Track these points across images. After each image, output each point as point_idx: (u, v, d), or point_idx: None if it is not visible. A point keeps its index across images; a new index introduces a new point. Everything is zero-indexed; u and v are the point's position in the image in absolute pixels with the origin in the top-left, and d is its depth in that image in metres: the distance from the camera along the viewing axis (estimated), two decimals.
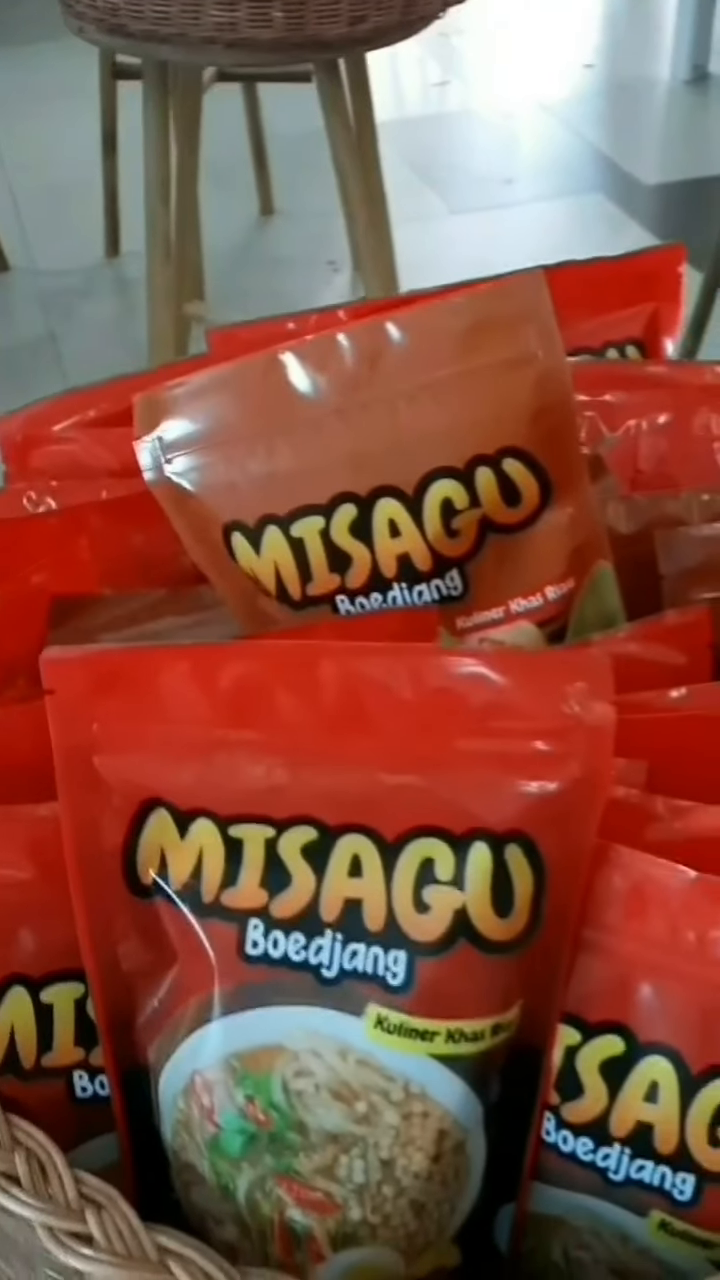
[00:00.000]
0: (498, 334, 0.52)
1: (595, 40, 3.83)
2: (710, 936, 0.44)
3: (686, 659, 0.54)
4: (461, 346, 0.52)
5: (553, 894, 0.44)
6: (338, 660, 0.44)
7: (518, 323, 0.52)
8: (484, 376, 0.52)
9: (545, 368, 0.52)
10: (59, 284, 2.64)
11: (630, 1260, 0.47)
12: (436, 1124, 0.45)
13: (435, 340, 0.52)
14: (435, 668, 0.44)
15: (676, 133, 3.31)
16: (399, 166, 3.06)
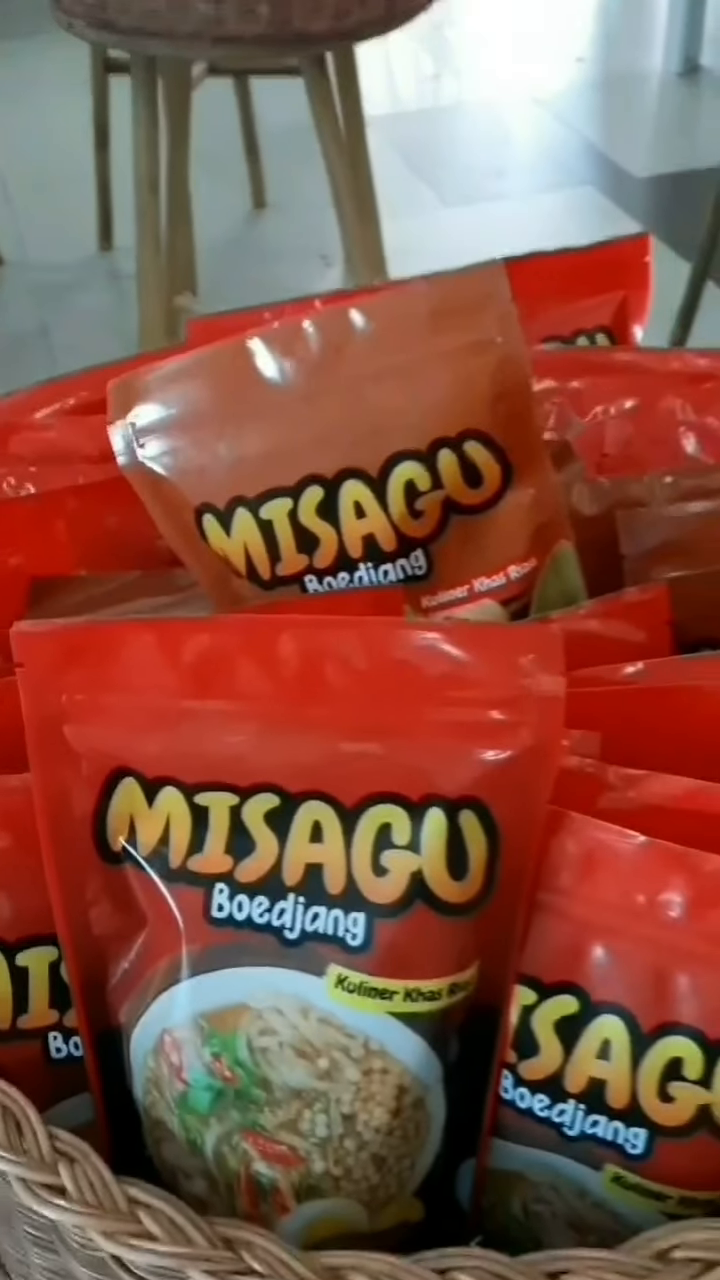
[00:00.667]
0: (458, 321, 0.53)
1: (587, 33, 3.84)
2: (659, 899, 0.46)
3: (645, 635, 0.55)
4: (423, 333, 0.54)
5: (506, 858, 0.46)
6: (298, 633, 0.46)
7: (477, 310, 0.53)
8: (445, 362, 0.54)
9: (504, 353, 0.54)
10: (52, 277, 2.66)
11: (586, 1213, 0.49)
12: (396, 1080, 0.46)
13: (398, 327, 0.54)
14: (391, 640, 0.45)
15: (667, 125, 3.32)
16: (391, 159, 3.08)
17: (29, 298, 2.61)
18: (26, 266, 2.71)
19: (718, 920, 0.45)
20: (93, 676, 0.46)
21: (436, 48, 3.74)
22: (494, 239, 2.71)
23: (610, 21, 3.99)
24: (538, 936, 0.47)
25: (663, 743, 0.50)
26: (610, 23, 3.98)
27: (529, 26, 3.79)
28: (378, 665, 0.45)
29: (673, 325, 2.27)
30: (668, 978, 0.46)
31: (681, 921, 0.45)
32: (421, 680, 0.45)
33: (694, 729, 0.51)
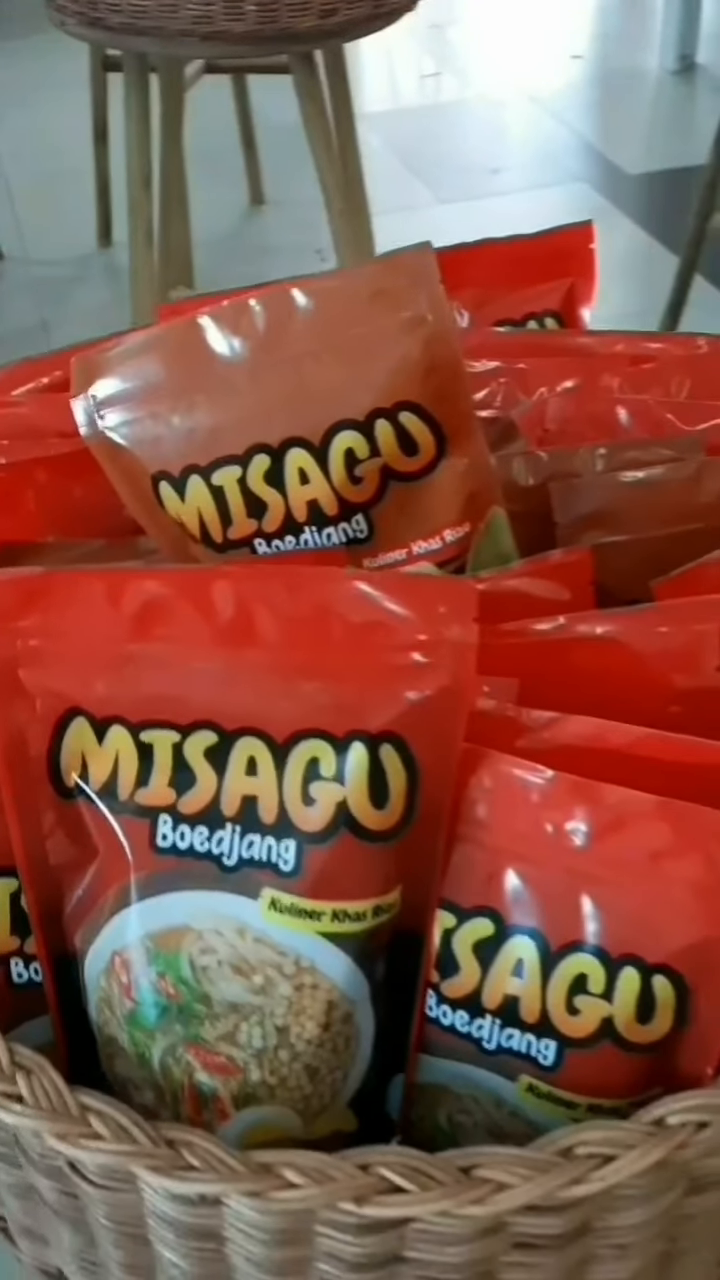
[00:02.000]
0: (392, 300, 0.57)
1: (585, 31, 3.87)
2: (565, 828, 0.50)
3: (570, 594, 0.59)
4: (360, 311, 0.58)
5: (425, 790, 0.50)
6: (232, 582, 0.50)
7: (409, 290, 0.57)
8: (380, 338, 0.58)
9: (434, 330, 0.58)
10: (51, 273, 2.70)
11: (504, 1122, 0.53)
12: (325, 995, 0.50)
13: (336, 306, 0.58)
14: (317, 589, 0.50)
15: (662, 123, 3.36)
16: (388, 157, 3.12)
17: (29, 293, 2.65)
18: (27, 262, 2.75)
19: (617, 846, 0.49)
20: (45, 623, 0.51)
21: (435, 46, 3.78)
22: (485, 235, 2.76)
23: (607, 19, 4.02)
24: (457, 864, 0.51)
25: (575, 688, 0.54)
26: (607, 21, 4.01)
27: (527, 25, 3.83)
28: (305, 612, 0.50)
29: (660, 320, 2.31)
30: (573, 900, 0.50)
31: (585, 848, 0.50)
32: (345, 625, 0.49)
33: (603, 676, 0.55)
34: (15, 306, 2.62)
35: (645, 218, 2.85)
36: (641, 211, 2.89)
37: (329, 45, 1.68)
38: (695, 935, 0.48)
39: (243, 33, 1.58)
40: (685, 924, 0.49)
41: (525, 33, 3.80)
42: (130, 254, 1.84)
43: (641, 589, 0.62)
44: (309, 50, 1.68)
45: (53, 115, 3.04)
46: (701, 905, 0.48)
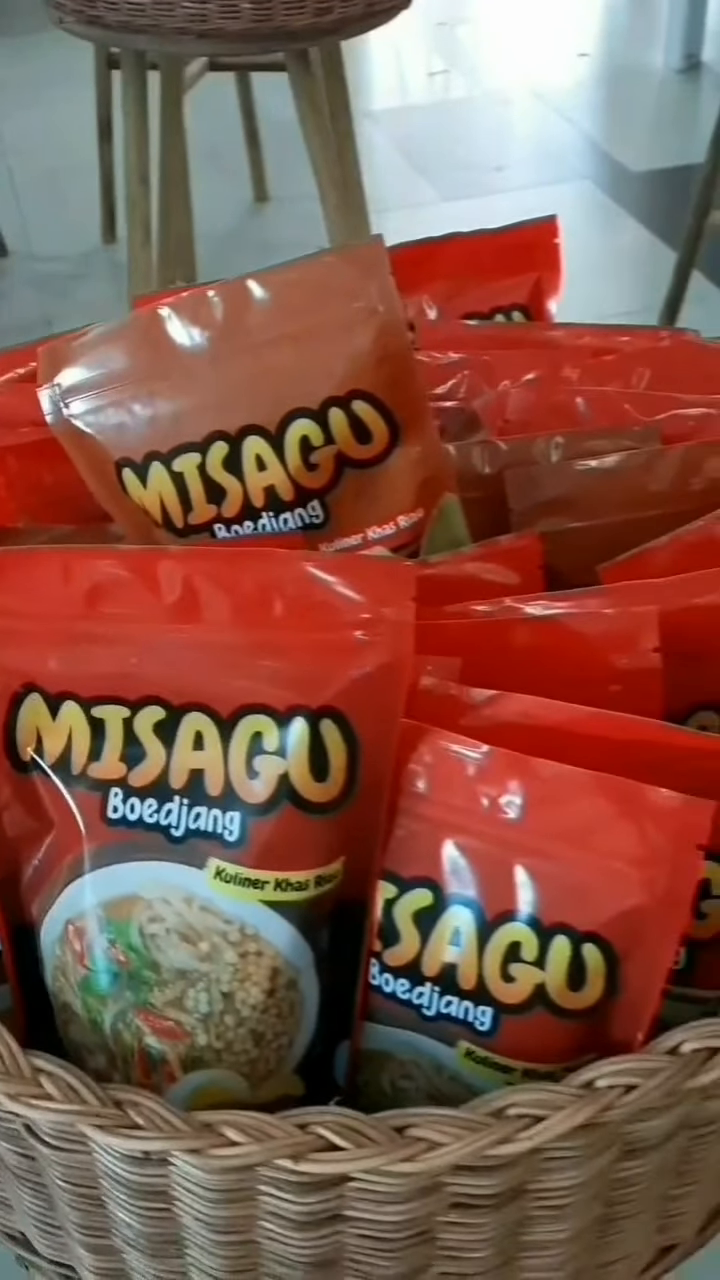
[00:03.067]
0: (344, 292, 0.59)
1: (592, 29, 3.88)
2: (499, 801, 0.52)
3: (520, 578, 0.61)
4: (313, 302, 0.60)
5: (366, 764, 0.51)
6: (179, 562, 0.52)
7: (361, 282, 0.59)
8: (332, 328, 0.59)
9: (385, 321, 0.59)
10: (55, 269, 2.72)
11: (444, 1087, 0.54)
12: (269, 962, 0.52)
13: (291, 297, 0.60)
14: (261, 569, 0.51)
15: (666, 121, 3.37)
16: (393, 154, 3.14)
17: (33, 289, 2.67)
18: (31, 258, 2.77)
19: (550, 818, 0.51)
20: (3, 601, 0.52)
21: (445, 44, 3.80)
22: None
23: (615, 17, 4.03)
24: (398, 837, 0.53)
25: (518, 668, 0.56)
26: (614, 19, 4.03)
27: (534, 22, 3.84)
28: (249, 591, 0.51)
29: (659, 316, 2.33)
30: (507, 871, 0.51)
31: (519, 821, 0.51)
32: (288, 605, 0.51)
33: (546, 656, 0.56)
34: (19, 302, 2.64)
35: (648, 215, 2.86)
36: (644, 209, 2.90)
37: (324, 43, 1.70)
38: (623, 905, 0.50)
39: (238, 31, 1.60)
40: (614, 894, 0.50)
41: (532, 30, 3.81)
42: (128, 249, 1.86)
43: (594, 574, 0.63)
44: (304, 48, 1.70)
45: (58, 112, 3.06)
46: (629, 876, 0.50)
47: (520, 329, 0.81)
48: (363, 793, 0.52)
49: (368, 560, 0.57)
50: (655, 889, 0.50)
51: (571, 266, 2.68)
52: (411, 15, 3.74)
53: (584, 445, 0.69)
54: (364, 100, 3.39)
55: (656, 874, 0.50)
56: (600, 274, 2.73)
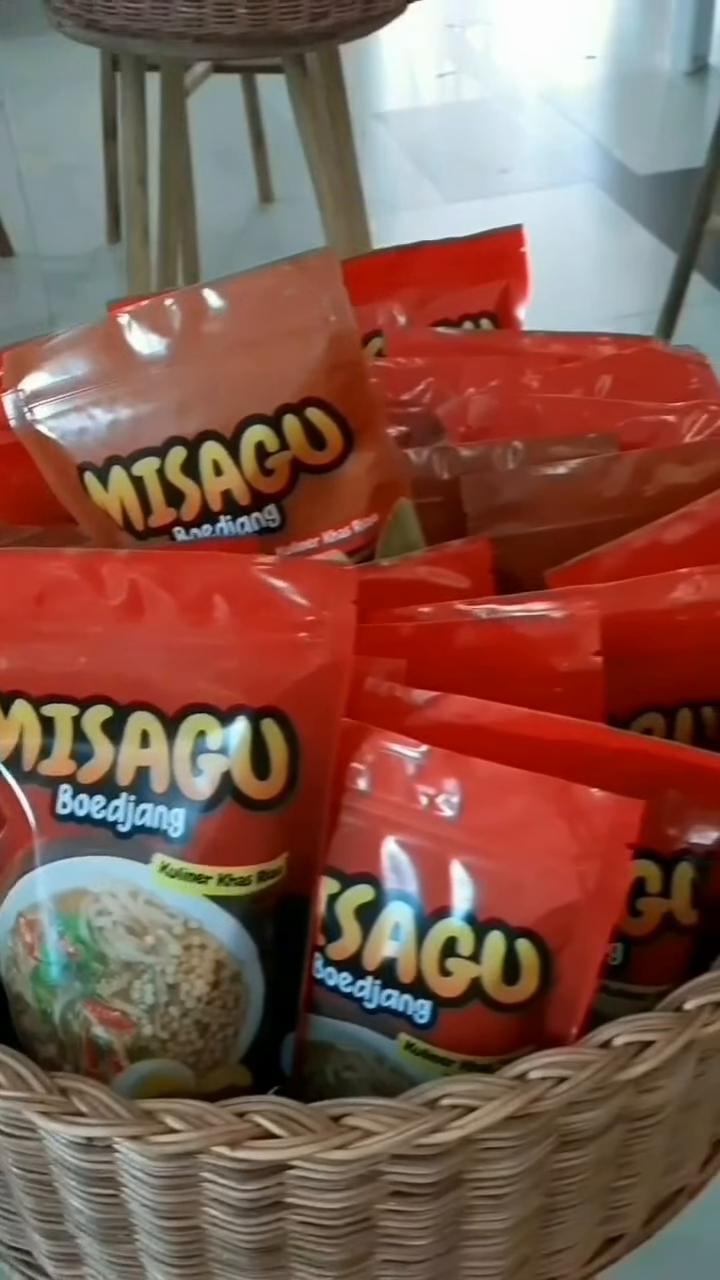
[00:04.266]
0: (297, 302, 0.61)
1: (600, 32, 3.89)
2: (437, 799, 0.53)
3: (470, 582, 0.62)
4: (267, 311, 0.61)
5: (307, 762, 0.53)
6: (127, 564, 0.53)
7: (314, 293, 0.61)
8: (286, 337, 0.61)
9: (337, 330, 0.61)
10: (61, 268, 2.74)
11: (386, 1078, 0.56)
12: (213, 955, 0.54)
13: (246, 306, 0.61)
14: (206, 571, 0.53)
15: (672, 124, 3.38)
16: (399, 156, 3.15)
17: (39, 288, 2.69)
18: (38, 257, 2.79)
19: (485, 817, 0.52)
20: None
21: (453, 46, 3.81)
22: None
23: (623, 20, 4.05)
24: (340, 834, 0.55)
25: (464, 670, 0.57)
26: (623, 21, 4.04)
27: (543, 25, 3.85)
28: (194, 593, 0.53)
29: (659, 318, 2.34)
30: (444, 868, 0.53)
31: (455, 819, 0.53)
32: (231, 606, 0.53)
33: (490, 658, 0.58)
34: (25, 300, 2.66)
35: (651, 218, 2.87)
36: (648, 212, 2.91)
37: (322, 47, 1.71)
38: (556, 902, 0.52)
39: (234, 35, 1.62)
40: (546, 891, 0.52)
41: (541, 33, 3.82)
42: (126, 251, 1.88)
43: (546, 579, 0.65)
44: (301, 52, 1.71)
45: (66, 112, 3.08)
46: (561, 874, 0.51)
47: (489, 336, 0.82)
48: (305, 790, 0.53)
49: (309, 564, 0.58)
50: (587, 886, 0.51)
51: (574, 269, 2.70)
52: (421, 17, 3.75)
53: (541, 451, 0.70)
54: (372, 101, 3.41)
55: (588, 871, 0.51)
56: (603, 277, 2.74)
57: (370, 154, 3.13)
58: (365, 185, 2.13)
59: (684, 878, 0.55)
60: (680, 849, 0.55)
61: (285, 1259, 0.57)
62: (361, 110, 3.28)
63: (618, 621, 0.60)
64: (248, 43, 1.63)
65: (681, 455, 0.68)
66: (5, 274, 2.75)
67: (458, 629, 0.58)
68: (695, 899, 0.56)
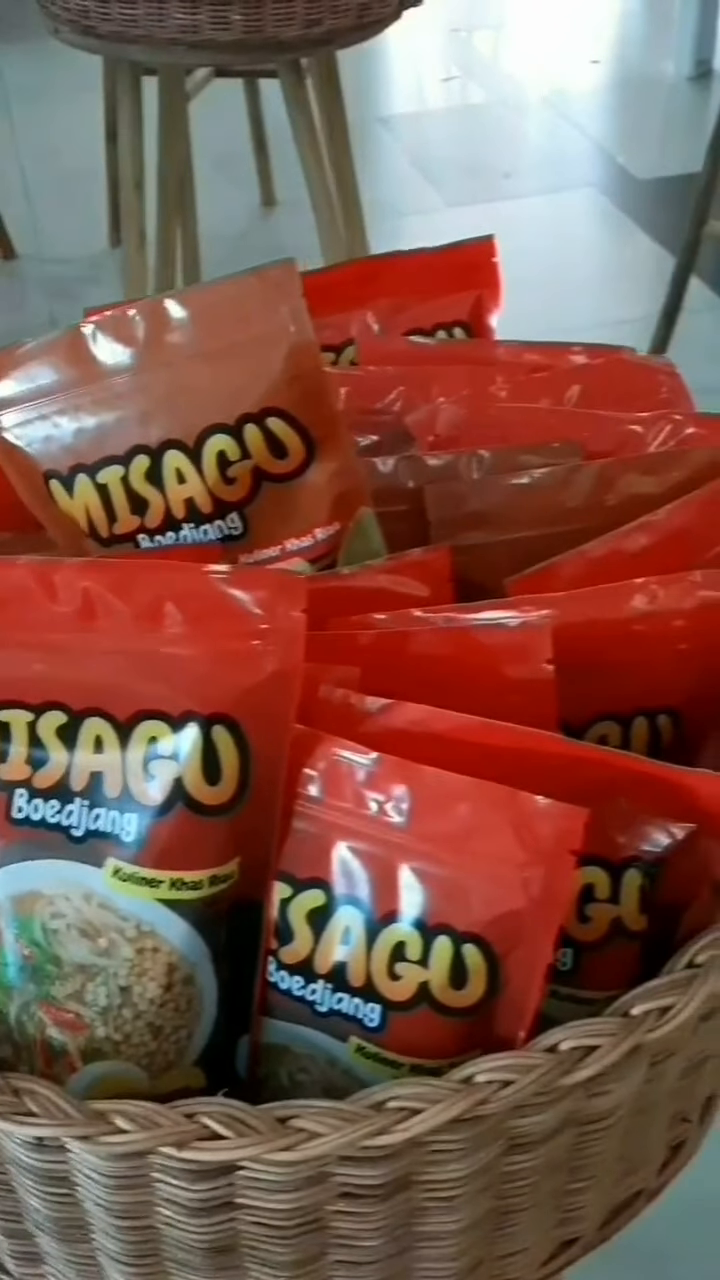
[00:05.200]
0: (258, 313, 0.61)
1: (605, 37, 3.90)
2: (387, 806, 0.54)
3: (429, 590, 0.63)
4: (228, 322, 0.62)
5: (258, 768, 0.54)
6: (79, 573, 0.54)
7: (273, 304, 0.61)
8: (246, 348, 0.62)
9: (296, 341, 0.62)
10: (63, 271, 2.75)
11: (338, 1080, 0.56)
12: (165, 958, 0.54)
13: (207, 317, 0.62)
14: (158, 579, 0.54)
15: (675, 128, 3.38)
16: (401, 160, 3.16)
17: (40, 291, 2.70)
18: (40, 260, 2.80)
19: (433, 823, 0.53)
20: None
21: (456, 50, 3.82)
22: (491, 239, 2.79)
23: (628, 25, 4.05)
24: (292, 839, 0.55)
25: (420, 677, 0.58)
26: (628, 26, 4.04)
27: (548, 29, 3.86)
28: (147, 601, 0.54)
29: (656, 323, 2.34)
30: (393, 873, 0.54)
31: (405, 825, 0.53)
32: (183, 614, 0.53)
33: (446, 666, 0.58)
34: (26, 303, 2.67)
35: (652, 223, 2.88)
36: (649, 217, 2.91)
37: (316, 53, 1.72)
38: (501, 907, 0.52)
39: (229, 42, 1.63)
40: (492, 897, 0.52)
41: (546, 37, 3.83)
42: (123, 255, 1.89)
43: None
44: (295, 59, 1.72)
45: (69, 116, 3.09)
46: (506, 880, 0.52)
47: (462, 345, 0.83)
48: (256, 796, 0.54)
49: (260, 572, 0.59)
50: (532, 892, 0.52)
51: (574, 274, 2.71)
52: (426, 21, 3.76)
53: (506, 460, 0.71)
54: (376, 106, 3.42)
55: (533, 878, 0.52)
56: (603, 281, 2.75)
57: (373, 158, 3.14)
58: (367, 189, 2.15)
59: (632, 884, 0.56)
60: (628, 856, 0.56)
61: (239, 1259, 0.58)
62: (365, 114, 3.29)
63: (574, 630, 0.60)
64: (242, 49, 1.64)
65: (644, 465, 0.68)
66: (7, 277, 2.76)
67: (414, 637, 0.59)
68: (643, 905, 0.56)
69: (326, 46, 1.69)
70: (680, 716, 0.62)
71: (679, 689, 0.62)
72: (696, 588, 0.61)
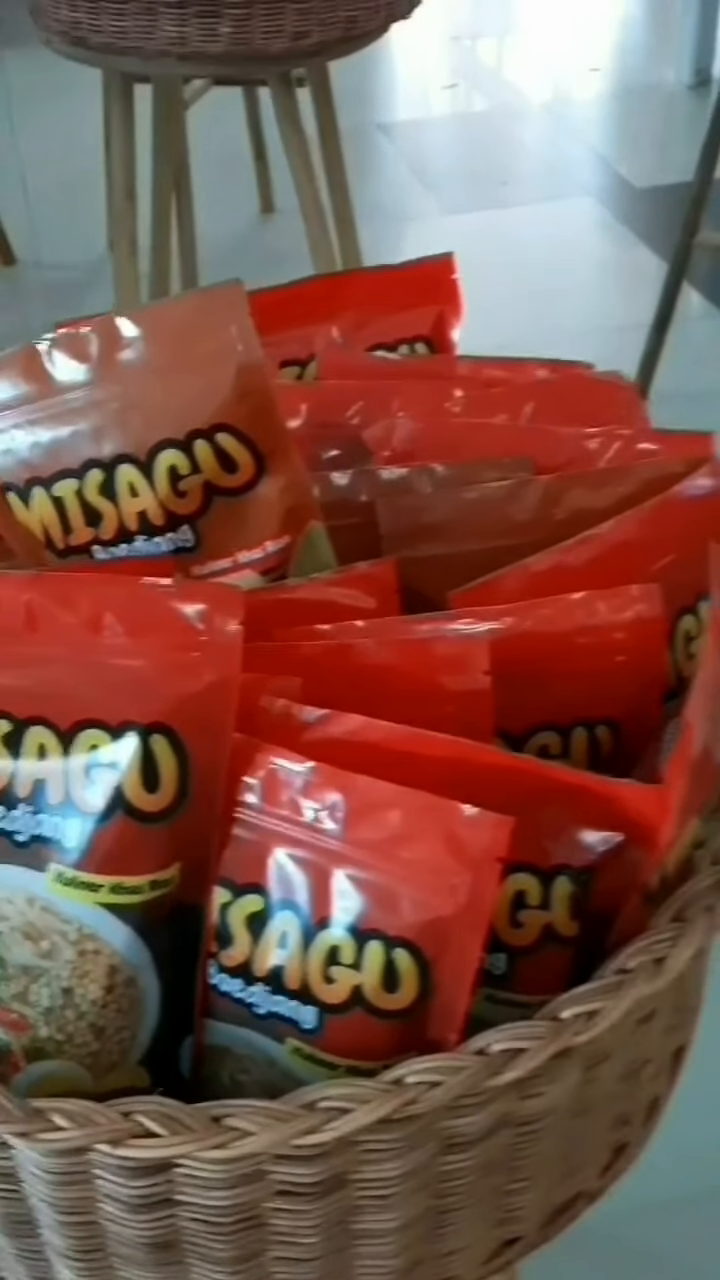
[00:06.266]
0: (206, 332, 0.63)
1: (605, 45, 3.91)
2: (321, 814, 0.55)
3: (376, 602, 0.65)
4: (179, 341, 0.63)
5: (197, 776, 0.55)
6: (22, 586, 0.56)
7: (222, 324, 0.63)
8: (196, 365, 0.63)
9: (244, 360, 0.63)
10: (62, 276, 2.76)
11: (277, 1081, 0.58)
12: (107, 960, 0.56)
13: (159, 335, 0.64)
14: (99, 592, 0.55)
15: (673, 137, 3.39)
16: (399, 167, 3.18)
17: (40, 296, 2.72)
18: (40, 266, 2.81)
19: (365, 831, 0.55)
20: None
21: (456, 58, 3.83)
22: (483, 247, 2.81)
23: (629, 33, 4.06)
24: (232, 845, 0.57)
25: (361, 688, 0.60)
26: (629, 34, 4.05)
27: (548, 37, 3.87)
28: (87, 612, 0.55)
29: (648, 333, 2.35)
30: (327, 879, 0.55)
31: (338, 832, 0.55)
32: (124, 625, 0.55)
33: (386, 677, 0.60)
34: (25, 308, 2.69)
35: (647, 231, 2.89)
36: (645, 225, 2.92)
37: (304, 65, 1.74)
38: (431, 913, 0.54)
39: (218, 53, 1.64)
40: (421, 903, 0.54)
41: (546, 45, 3.85)
42: (114, 264, 1.90)
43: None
44: (284, 70, 1.74)
45: (71, 121, 3.11)
46: (435, 886, 0.54)
47: (424, 361, 0.84)
48: (195, 803, 0.55)
49: (199, 585, 0.60)
50: (459, 899, 0.53)
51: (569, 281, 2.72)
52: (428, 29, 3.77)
53: (458, 475, 0.72)
54: (376, 113, 3.43)
55: (460, 884, 0.53)
56: (597, 289, 2.76)
57: (372, 165, 3.16)
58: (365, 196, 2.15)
59: (562, 891, 0.57)
60: (558, 864, 0.57)
61: (181, 1255, 0.59)
62: (366, 121, 3.31)
63: (514, 642, 0.62)
64: (230, 61, 1.66)
65: (591, 480, 0.70)
66: (7, 282, 2.78)
67: (356, 648, 0.60)
68: (574, 912, 0.57)
69: (315, 58, 1.71)
70: (619, 727, 0.64)
71: (617, 700, 0.64)
72: (634, 602, 0.63)
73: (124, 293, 1.89)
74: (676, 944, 0.57)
